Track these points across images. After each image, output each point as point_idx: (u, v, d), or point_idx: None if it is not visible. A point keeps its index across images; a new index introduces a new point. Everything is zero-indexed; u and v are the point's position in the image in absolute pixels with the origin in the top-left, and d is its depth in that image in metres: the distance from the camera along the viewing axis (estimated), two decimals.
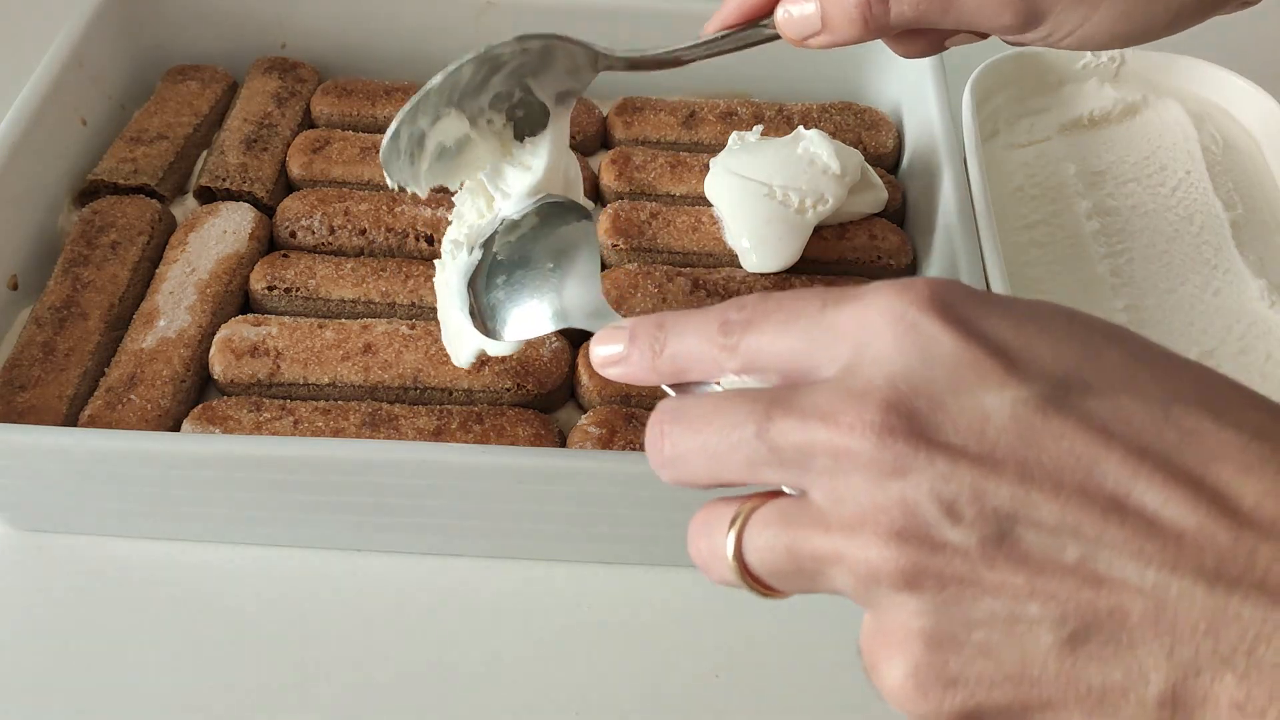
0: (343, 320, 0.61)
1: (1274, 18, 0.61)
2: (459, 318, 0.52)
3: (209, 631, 0.55)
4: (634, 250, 0.66)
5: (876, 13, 0.46)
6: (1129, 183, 0.73)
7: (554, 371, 0.60)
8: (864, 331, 0.31)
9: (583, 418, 0.59)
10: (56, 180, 0.68)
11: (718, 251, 0.66)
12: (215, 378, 0.60)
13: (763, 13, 0.50)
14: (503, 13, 0.76)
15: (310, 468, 0.52)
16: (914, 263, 0.68)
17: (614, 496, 0.54)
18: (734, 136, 0.68)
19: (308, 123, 0.75)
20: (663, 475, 0.34)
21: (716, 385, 0.36)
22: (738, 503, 0.33)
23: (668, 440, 0.33)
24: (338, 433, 0.56)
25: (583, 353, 0.61)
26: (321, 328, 0.61)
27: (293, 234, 0.67)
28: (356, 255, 0.66)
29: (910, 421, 0.29)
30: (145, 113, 0.73)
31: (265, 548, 0.58)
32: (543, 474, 0.53)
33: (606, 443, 0.56)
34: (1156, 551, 0.27)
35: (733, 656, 0.56)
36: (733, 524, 0.32)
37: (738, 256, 0.65)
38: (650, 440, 0.34)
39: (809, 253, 0.65)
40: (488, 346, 0.51)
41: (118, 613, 0.56)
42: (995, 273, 0.60)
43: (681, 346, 0.35)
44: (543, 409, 0.60)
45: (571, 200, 0.52)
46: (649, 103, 0.75)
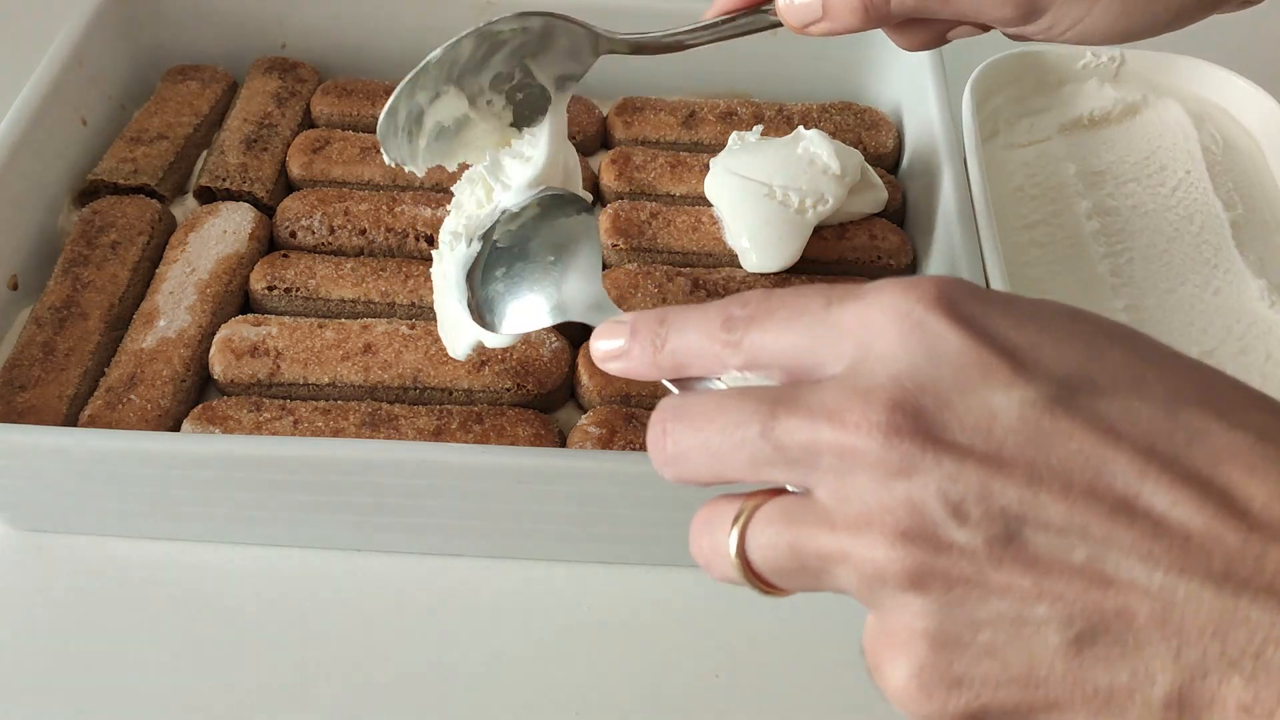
0: (343, 320, 0.61)
1: (1274, 18, 0.61)
2: (456, 309, 0.51)
3: (209, 631, 0.55)
4: (634, 250, 0.66)
5: (877, 1, 0.46)
6: (1129, 183, 0.73)
7: (554, 371, 0.60)
8: (869, 329, 0.31)
9: (583, 418, 0.59)
10: (56, 180, 0.68)
11: (718, 251, 0.66)
12: (215, 378, 0.60)
13: None
14: (502, 12, 0.76)
15: (310, 468, 0.52)
16: (914, 263, 0.68)
17: (614, 496, 0.54)
18: (734, 136, 0.68)
19: (308, 123, 0.75)
20: (665, 473, 0.34)
21: (718, 381, 0.36)
22: (740, 500, 0.32)
23: (670, 438, 0.33)
24: (338, 433, 0.56)
25: (583, 353, 0.61)
26: (321, 328, 0.60)
27: (293, 234, 0.66)
28: (356, 255, 0.66)
29: (916, 421, 0.29)
30: (145, 113, 0.73)
31: (265, 548, 0.58)
32: (543, 474, 0.53)
33: (606, 443, 0.56)
34: (1164, 553, 0.27)
35: (733, 656, 0.55)
36: (736, 521, 0.32)
37: (738, 256, 0.65)
38: (652, 438, 0.34)
39: (809, 253, 0.65)
40: (485, 339, 0.51)
41: (118, 613, 0.56)
42: (995, 273, 0.60)
43: (683, 342, 0.35)
44: (543, 409, 0.60)
45: (572, 193, 0.51)
46: (649, 103, 0.75)
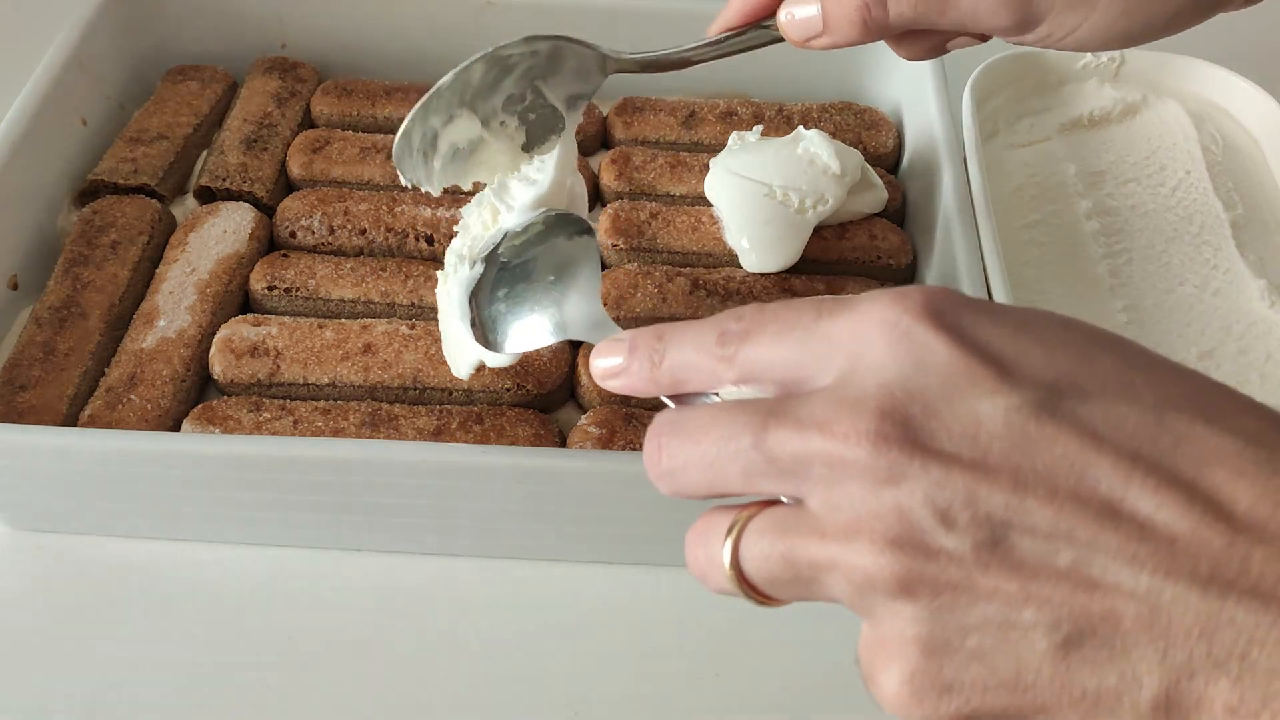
0: (343, 320, 0.62)
1: (1274, 18, 0.61)
2: (459, 329, 0.52)
3: (209, 631, 0.56)
4: (634, 250, 0.66)
5: (876, 15, 0.47)
6: (1129, 183, 0.73)
7: (554, 371, 0.60)
8: (858, 341, 0.31)
9: (583, 418, 0.59)
10: (56, 180, 0.68)
11: (718, 251, 0.66)
12: (215, 378, 0.60)
13: (765, 14, 0.51)
14: (502, 12, 0.76)
15: (310, 468, 0.53)
16: (914, 262, 0.68)
17: (614, 496, 0.54)
18: (734, 136, 0.68)
19: (308, 123, 0.75)
20: (660, 487, 0.34)
21: (716, 396, 0.36)
22: (734, 512, 0.33)
23: (665, 453, 0.34)
24: (338, 433, 0.56)
25: (583, 353, 0.61)
26: (321, 328, 0.61)
27: (293, 234, 0.67)
28: (356, 255, 0.66)
29: (904, 429, 0.29)
30: (145, 113, 0.73)
31: (265, 547, 0.58)
32: (543, 474, 0.53)
33: (606, 443, 0.57)
34: (1149, 556, 0.27)
35: (734, 657, 0.56)
36: (729, 533, 0.32)
37: (738, 256, 0.65)
38: (648, 453, 0.34)
39: (809, 253, 0.65)
40: (486, 358, 0.52)
41: (117, 613, 0.56)
42: (995, 273, 0.60)
43: (680, 358, 0.36)
44: (543, 409, 0.60)
45: (573, 215, 0.52)
46: (649, 103, 0.75)
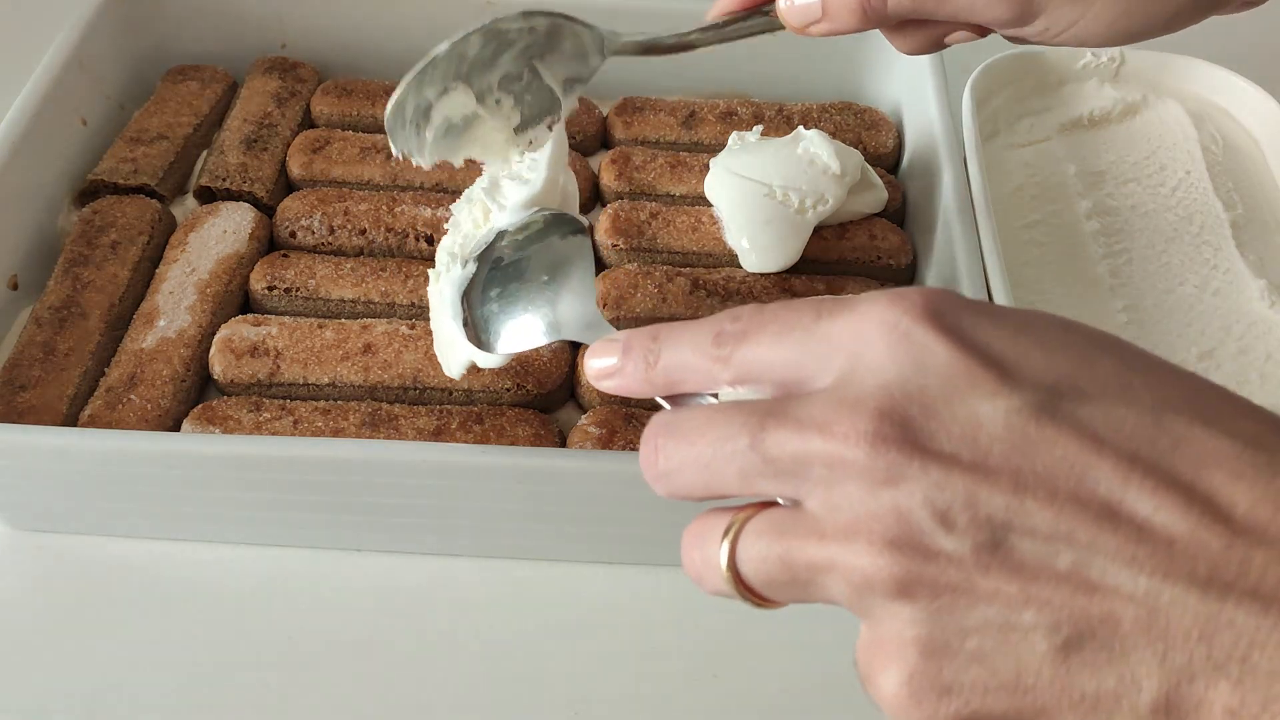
0: (343, 320, 0.62)
1: (1274, 18, 0.61)
2: (451, 329, 0.52)
3: (209, 631, 0.56)
4: (634, 250, 0.66)
5: (875, 2, 0.47)
6: (1129, 183, 0.73)
7: (554, 371, 0.60)
8: (858, 341, 0.31)
9: (583, 418, 0.59)
10: (56, 180, 0.68)
11: (718, 251, 0.66)
12: (215, 378, 0.60)
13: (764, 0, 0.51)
14: (502, 12, 0.76)
15: (310, 468, 0.53)
16: (914, 262, 0.68)
17: (614, 496, 0.54)
18: (734, 136, 0.68)
19: (308, 123, 0.75)
20: (657, 489, 0.34)
21: (712, 397, 0.36)
22: (731, 513, 0.33)
23: (661, 454, 0.33)
24: (337, 433, 0.56)
25: (582, 353, 0.61)
26: (321, 328, 0.61)
27: (293, 234, 0.67)
28: (356, 255, 0.66)
29: (904, 430, 0.29)
30: (145, 113, 0.73)
31: (265, 547, 0.58)
32: (543, 474, 0.53)
33: (606, 443, 0.57)
34: (1148, 558, 0.27)
35: (732, 657, 0.56)
36: (726, 534, 0.32)
37: (738, 256, 0.65)
38: (644, 455, 0.34)
39: (809, 253, 0.65)
40: (478, 358, 0.51)
41: (117, 613, 0.56)
42: (995, 273, 0.60)
43: (675, 358, 0.35)
44: (543, 409, 0.60)
45: (566, 214, 0.52)
46: (649, 103, 0.75)
